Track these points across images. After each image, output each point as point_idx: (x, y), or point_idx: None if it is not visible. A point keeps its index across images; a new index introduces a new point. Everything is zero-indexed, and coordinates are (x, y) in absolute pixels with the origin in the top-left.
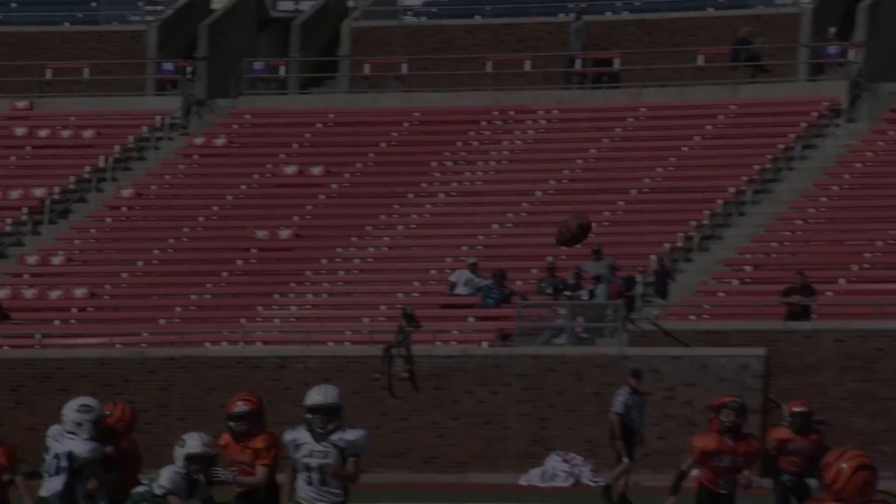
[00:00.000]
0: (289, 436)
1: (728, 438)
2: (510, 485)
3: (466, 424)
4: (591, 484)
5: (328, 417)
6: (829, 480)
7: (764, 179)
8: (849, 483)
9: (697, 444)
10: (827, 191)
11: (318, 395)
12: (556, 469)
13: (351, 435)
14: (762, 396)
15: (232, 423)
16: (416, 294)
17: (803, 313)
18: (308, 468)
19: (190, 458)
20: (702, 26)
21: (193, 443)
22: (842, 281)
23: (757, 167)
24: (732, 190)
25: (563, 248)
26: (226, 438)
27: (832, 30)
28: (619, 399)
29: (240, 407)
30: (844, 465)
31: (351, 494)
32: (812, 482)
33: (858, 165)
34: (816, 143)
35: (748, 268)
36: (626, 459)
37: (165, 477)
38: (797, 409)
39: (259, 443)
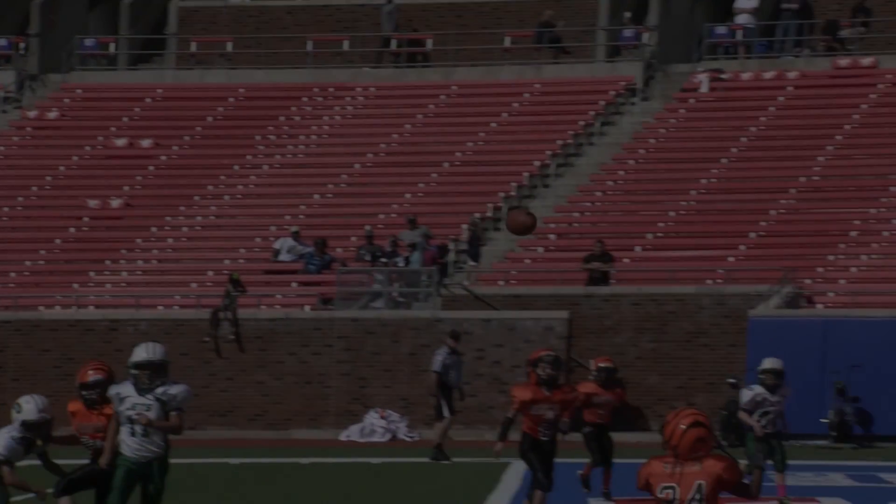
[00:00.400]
0: (113, 390)
1: (545, 389)
2: (331, 440)
3: (290, 384)
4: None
5: (154, 374)
6: (667, 437)
7: (566, 154)
8: (683, 439)
9: (517, 395)
10: (624, 165)
11: (144, 353)
12: (375, 425)
13: (173, 389)
14: (565, 356)
15: (84, 392)
16: (241, 260)
17: (602, 279)
18: (131, 420)
19: (26, 425)
20: (508, 10)
21: (29, 408)
22: (637, 248)
23: (560, 142)
24: (537, 163)
25: (516, 235)
26: (76, 405)
27: (627, 14)
28: (438, 358)
29: (92, 376)
30: (679, 423)
31: (182, 451)
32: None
33: (652, 141)
34: (614, 121)
35: (552, 236)
36: (447, 414)
37: (1, 444)
38: (603, 365)
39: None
